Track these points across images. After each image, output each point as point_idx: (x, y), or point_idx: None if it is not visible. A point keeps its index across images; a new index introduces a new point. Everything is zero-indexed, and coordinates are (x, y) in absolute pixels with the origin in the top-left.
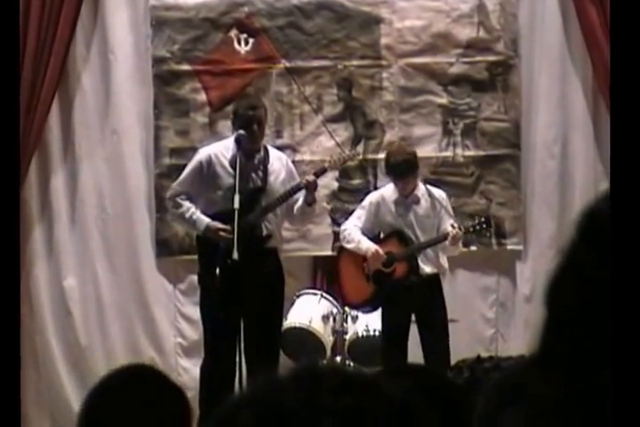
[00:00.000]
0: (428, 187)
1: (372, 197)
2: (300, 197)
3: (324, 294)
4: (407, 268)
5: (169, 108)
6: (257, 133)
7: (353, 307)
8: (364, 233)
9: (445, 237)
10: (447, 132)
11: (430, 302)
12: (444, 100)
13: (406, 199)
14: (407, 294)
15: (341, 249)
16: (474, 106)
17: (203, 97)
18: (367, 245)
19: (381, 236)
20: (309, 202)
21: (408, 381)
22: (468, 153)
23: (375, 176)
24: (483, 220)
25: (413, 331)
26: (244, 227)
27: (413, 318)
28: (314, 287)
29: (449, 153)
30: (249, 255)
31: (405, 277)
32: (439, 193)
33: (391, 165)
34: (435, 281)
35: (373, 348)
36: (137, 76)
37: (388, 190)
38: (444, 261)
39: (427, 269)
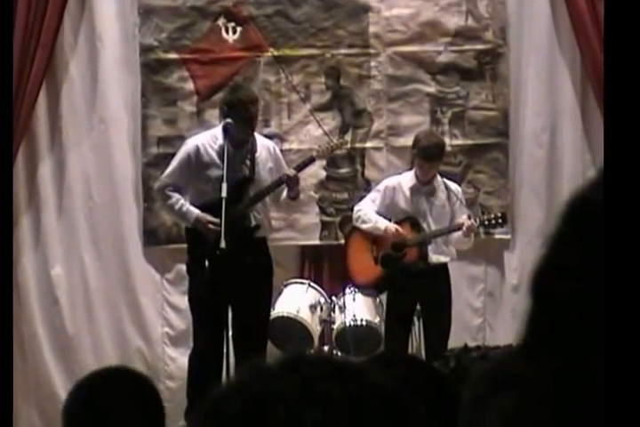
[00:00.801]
0: (445, 180)
1: (389, 182)
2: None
3: (312, 284)
4: (417, 254)
5: (156, 96)
6: (254, 127)
7: (359, 288)
8: None
9: (460, 227)
10: (435, 121)
11: (436, 292)
12: (432, 88)
13: (423, 187)
14: (414, 280)
15: (352, 230)
16: (462, 95)
17: (190, 86)
18: (386, 224)
19: (393, 221)
20: (292, 197)
21: (395, 370)
22: (456, 142)
23: (363, 165)
24: (499, 215)
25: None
26: (232, 217)
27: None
28: (301, 277)
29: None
30: (238, 245)
31: (414, 263)
32: (455, 186)
33: (421, 146)
34: (443, 271)
35: (361, 337)
36: (124, 65)
37: (405, 177)
38: (453, 252)
39: (436, 257)
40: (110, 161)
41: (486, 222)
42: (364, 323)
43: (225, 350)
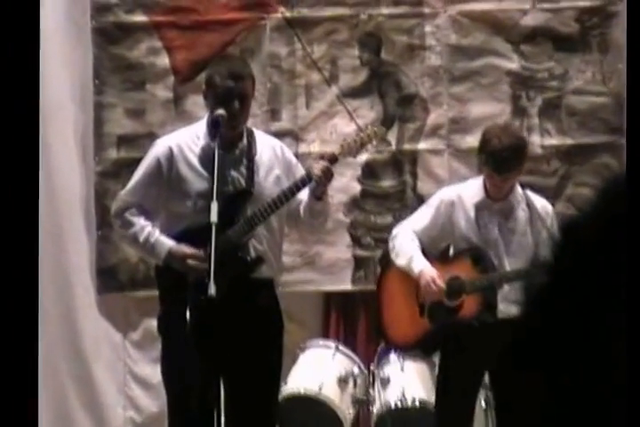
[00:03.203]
0: (528, 193)
1: (446, 194)
2: (305, 196)
3: (341, 347)
4: (480, 304)
5: (116, 77)
6: (237, 114)
7: (397, 348)
8: (423, 245)
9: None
10: (519, 112)
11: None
12: (514, 64)
13: (494, 204)
14: (476, 340)
15: (387, 264)
16: (557, 73)
17: (165, 61)
18: (421, 267)
19: (450, 252)
20: (318, 194)
21: None
22: (549, 141)
23: (414, 175)
24: None
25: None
26: (222, 248)
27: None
28: (326, 337)
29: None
30: (231, 290)
31: (476, 316)
32: (543, 204)
33: (491, 150)
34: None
35: (412, 425)
36: (70, 31)
37: (469, 189)
38: None
39: (509, 308)
40: (49, 169)
41: None
42: (416, 404)
43: None
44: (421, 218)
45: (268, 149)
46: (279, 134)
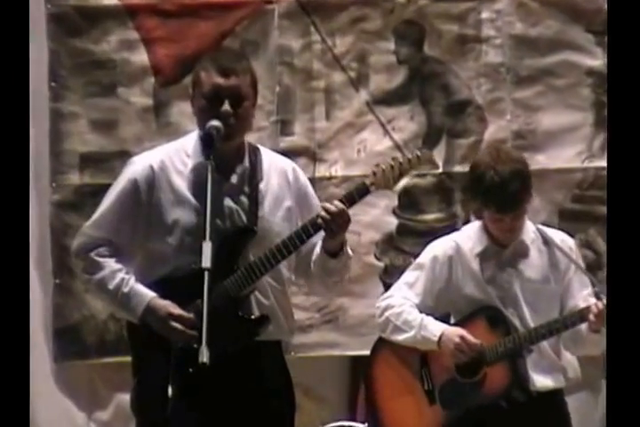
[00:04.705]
0: (541, 228)
1: (439, 250)
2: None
3: None
4: (508, 376)
5: (78, 78)
6: (229, 120)
7: None
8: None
9: (582, 315)
10: (604, 123)
11: None
12: (597, 61)
13: (504, 250)
14: (508, 425)
15: (378, 345)
16: None
17: (142, 58)
18: (440, 329)
19: (452, 319)
20: (332, 251)
21: None
22: None
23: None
24: None
25: None
26: (216, 302)
27: None
28: (352, 416)
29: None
30: (227, 357)
31: (504, 392)
32: (562, 237)
33: (490, 186)
34: (556, 403)
35: None
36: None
37: (466, 236)
38: (572, 364)
39: (543, 380)
40: None
41: None
42: None
43: None
44: (410, 283)
45: (276, 172)
46: (291, 153)
